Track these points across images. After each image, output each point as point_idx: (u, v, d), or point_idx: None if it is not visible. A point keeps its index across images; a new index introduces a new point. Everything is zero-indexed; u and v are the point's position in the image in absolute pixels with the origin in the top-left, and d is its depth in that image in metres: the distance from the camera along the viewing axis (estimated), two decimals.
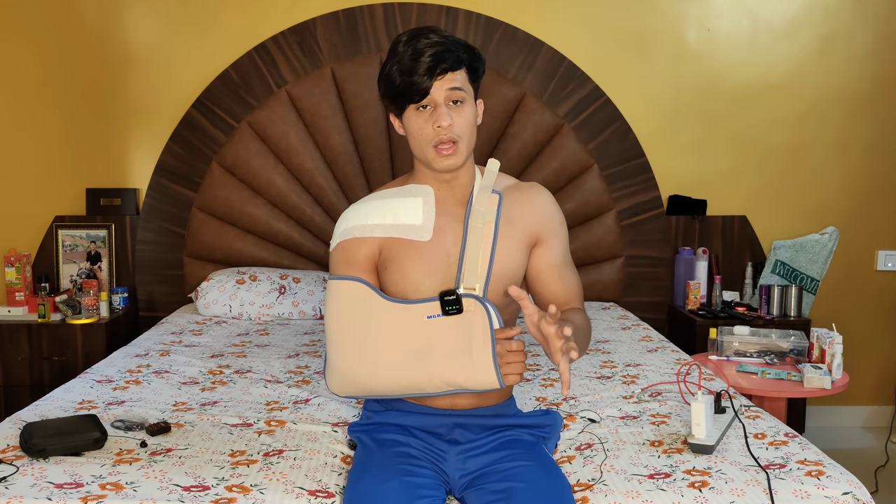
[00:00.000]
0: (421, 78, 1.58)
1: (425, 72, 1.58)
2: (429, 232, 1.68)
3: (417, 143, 1.65)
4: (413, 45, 1.60)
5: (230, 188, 3.51)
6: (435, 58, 1.58)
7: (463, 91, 1.61)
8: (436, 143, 1.62)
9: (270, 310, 3.26)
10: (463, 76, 1.62)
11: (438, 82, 1.59)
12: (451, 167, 1.65)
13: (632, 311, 3.55)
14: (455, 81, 1.60)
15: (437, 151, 1.62)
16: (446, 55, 1.59)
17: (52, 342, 3.19)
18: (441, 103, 1.60)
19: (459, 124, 1.62)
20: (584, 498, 1.59)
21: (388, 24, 3.51)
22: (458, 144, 1.62)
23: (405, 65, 1.59)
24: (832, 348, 2.70)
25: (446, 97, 1.60)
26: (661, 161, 3.62)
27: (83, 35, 3.52)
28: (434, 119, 1.60)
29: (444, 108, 1.60)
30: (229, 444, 1.84)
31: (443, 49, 1.59)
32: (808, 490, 1.60)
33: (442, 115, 1.59)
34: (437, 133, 1.61)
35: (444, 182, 1.71)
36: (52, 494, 1.55)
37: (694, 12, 3.59)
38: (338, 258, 1.72)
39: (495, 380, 1.58)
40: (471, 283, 1.62)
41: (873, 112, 3.64)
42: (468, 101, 1.63)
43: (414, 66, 1.58)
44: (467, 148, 1.65)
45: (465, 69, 1.63)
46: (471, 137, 1.65)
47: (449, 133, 1.60)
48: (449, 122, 1.59)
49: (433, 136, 1.61)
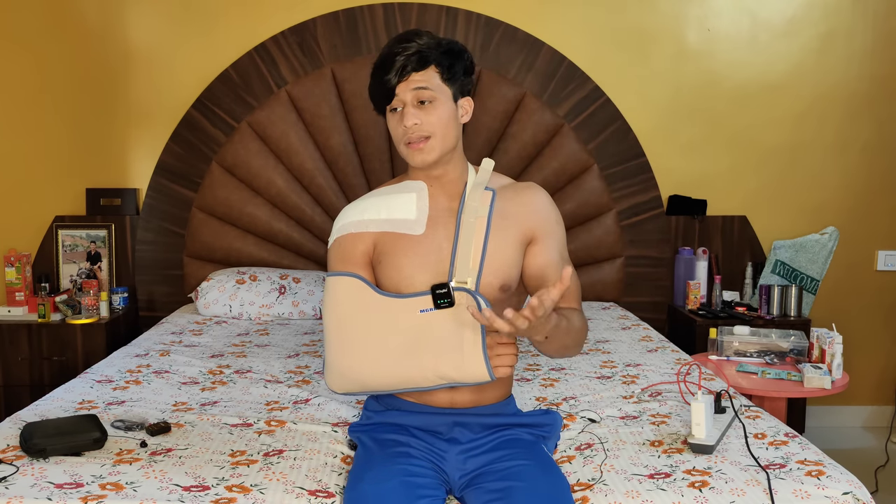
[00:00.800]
0: (387, 80, 1.65)
1: (391, 74, 1.64)
2: (422, 226, 1.70)
3: (396, 143, 1.71)
4: (388, 49, 1.67)
5: (230, 188, 3.51)
6: (401, 60, 1.64)
7: (430, 90, 1.65)
8: (406, 141, 1.67)
9: (270, 310, 3.26)
10: (431, 75, 1.66)
11: (403, 83, 1.65)
12: (422, 163, 1.68)
13: (632, 311, 3.55)
14: (420, 82, 1.65)
15: (409, 148, 1.67)
16: (411, 57, 1.64)
17: (52, 342, 3.19)
18: (408, 103, 1.65)
19: (429, 122, 1.65)
20: (584, 498, 1.59)
21: (388, 24, 3.51)
22: (431, 141, 1.67)
23: (377, 68, 1.68)
24: (832, 348, 2.70)
25: (412, 97, 1.65)
26: (660, 161, 3.62)
27: (83, 35, 3.53)
28: (403, 118, 1.66)
29: (411, 109, 1.65)
30: (229, 444, 1.84)
31: (411, 52, 1.64)
32: (808, 490, 1.60)
33: (407, 115, 1.65)
34: (406, 132, 1.66)
35: (435, 178, 1.74)
36: (52, 494, 1.55)
37: (694, 12, 3.59)
38: (334, 255, 1.75)
39: (485, 372, 1.60)
40: (462, 277, 1.64)
41: (873, 111, 3.64)
42: (440, 100, 1.66)
43: (382, 70, 1.66)
44: (441, 143, 1.68)
45: (434, 68, 1.66)
46: (445, 133, 1.68)
47: (417, 131, 1.65)
48: (414, 122, 1.64)
49: (403, 135, 1.67)
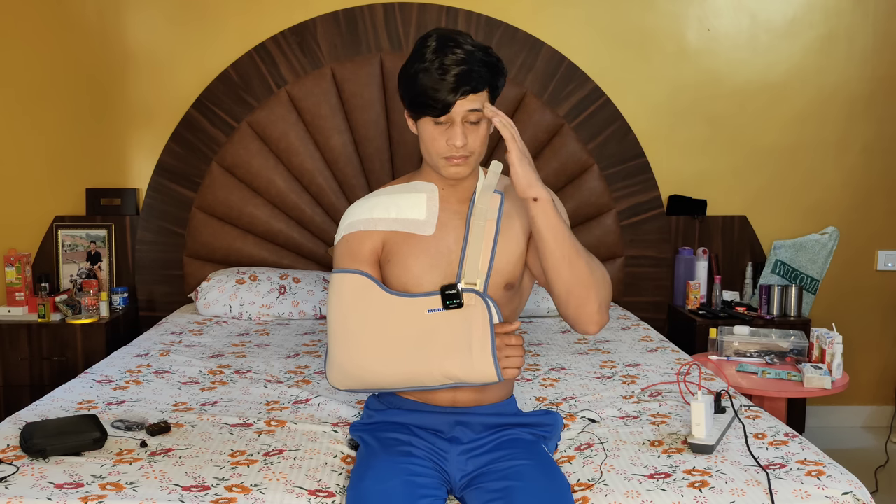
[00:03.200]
0: (444, 95, 1.57)
1: (449, 91, 1.56)
2: (432, 227, 1.70)
3: (428, 150, 1.66)
4: (440, 59, 1.57)
5: (230, 188, 3.51)
6: (459, 78, 1.56)
7: (480, 113, 1.61)
8: (447, 155, 1.63)
9: (270, 310, 3.26)
10: (484, 97, 1.62)
11: (460, 101, 1.58)
12: (458, 175, 1.67)
13: (632, 311, 3.55)
14: (475, 103, 1.60)
15: (447, 162, 1.64)
16: (471, 75, 1.57)
17: (52, 342, 3.19)
18: (458, 122, 1.60)
19: (472, 141, 1.63)
20: (584, 498, 1.59)
21: (388, 24, 3.51)
22: (469, 158, 1.65)
23: (430, 79, 1.57)
24: (832, 348, 2.70)
25: (464, 117, 1.60)
26: (661, 161, 3.62)
27: (83, 35, 3.52)
28: (448, 136, 1.61)
29: (460, 128, 1.60)
30: (229, 444, 1.84)
31: (468, 69, 1.57)
32: (808, 490, 1.60)
33: (457, 135, 1.60)
34: (450, 149, 1.62)
35: (449, 181, 1.72)
36: (52, 494, 1.55)
37: (694, 12, 3.59)
38: (342, 251, 1.74)
39: (494, 373, 1.60)
40: (472, 279, 1.64)
41: (873, 112, 3.64)
42: (484, 120, 1.64)
43: (438, 83, 1.56)
44: (476, 160, 1.67)
45: (487, 91, 1.62)
46: (482, 152, 1.67)
47: (461, 151, 1.62)
48: (463, 143, 1.60)
49: (445, 150, 1.63)
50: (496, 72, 1.63)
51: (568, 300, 1.62)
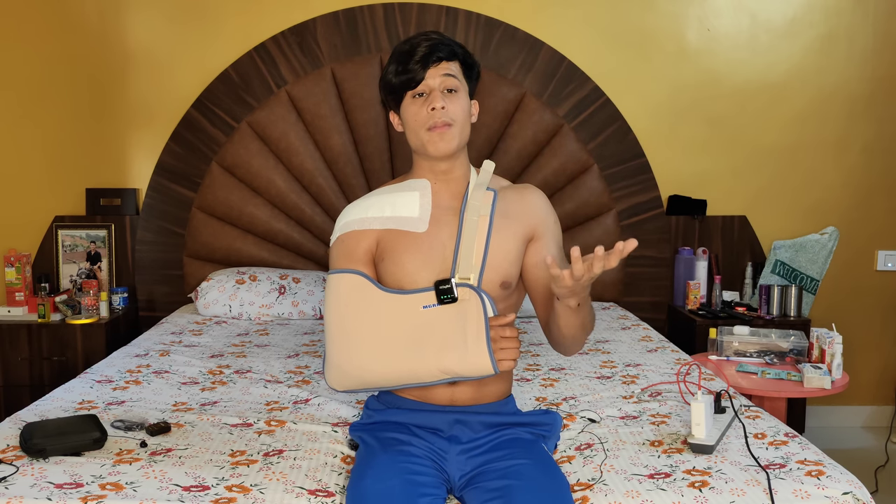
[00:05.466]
0: (416, 65, 1.67)
1: (420, 59, 1.67)
2: (425, 223, 1.72)
3: (413, 129, 1.71)
4: (409, 42, 1.70)
5: (230, 188, 3.51)
6: (430, 48, 1.67)
7: (457, 80, 1.70)
8: (430, 125, 1.68)
9: (270, 310, 3.26)
10: (457, 68, 1.71)
11: (433, 69, 1.67)
12: (444, 151, 1.69)
13: (632, 311, 3.55)
14: (449, 69, 1.68)
15: (431, 133, 1.68)
16: (441, 46, 1.68)
17: (52, 342, 3.19)
18: (436, 88, 1.68)
19: (453, 109, 1.68)
20: (584, 498, 1.59)
21: (388, 24, 3.51)
22: (452, 128, 1.68)
23: (402, 57, 1.69)
24: (832, 348, 2.70)
25: (441, 83, 1.68)
26: (660, 161, 3.62)
27: (83, 35, 3.52)
28: (429, 103, 1.67)
29: (439, 93, 1.67)
30: (229, 444, 1.84)
31: (437, 41, 1.69)
32: (808, 490, 1.60)
33: (436, 98, 1.67)
34: (432, 116, 1.67)
35: (440, 174, 1.75)
36: (52, 494, 1.55)
37: (694, 12, 3.59)
38: (337, 252, 1.76)
39: (489, 365, 1.61)
40: (465, 273, 1.66)
41: (873, 112, 3.64)
42: (462, 92, 1.71)
43: (409, 57, 1.68)
44: (460, 134, 1.71)
45: (459, 62, 1.71)
46: (464, 125, 1.71)
47: (443, 116, 1.67)
48: (443, 105, 1.66)
49: (427, 119, 1.68)
50: (467, 52, 1.74)
51: (558, 343, 1.74)
